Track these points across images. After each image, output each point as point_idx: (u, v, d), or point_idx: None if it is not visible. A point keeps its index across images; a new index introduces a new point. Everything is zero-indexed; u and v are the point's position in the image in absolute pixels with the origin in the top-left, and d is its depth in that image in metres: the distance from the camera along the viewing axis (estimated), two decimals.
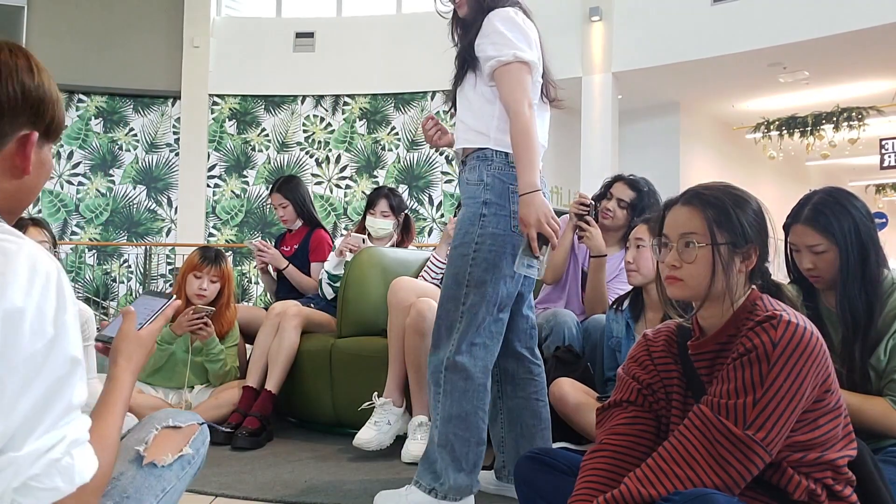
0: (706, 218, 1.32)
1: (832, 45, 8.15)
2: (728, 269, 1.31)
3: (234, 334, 3.23)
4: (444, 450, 1.97)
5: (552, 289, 3.02)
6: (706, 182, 1.41)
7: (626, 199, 2.93)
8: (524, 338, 2.19)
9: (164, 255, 10.12)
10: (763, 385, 1.20)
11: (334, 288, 3.39)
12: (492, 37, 1.99)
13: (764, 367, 1.20)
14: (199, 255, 3.12)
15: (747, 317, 1.29)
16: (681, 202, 1.37)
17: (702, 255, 1.31)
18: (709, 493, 1.14)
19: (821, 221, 1.77)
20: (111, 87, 10.25)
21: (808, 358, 1.21)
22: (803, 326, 1.23)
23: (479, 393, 1.99)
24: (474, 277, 1.97)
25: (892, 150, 10.10)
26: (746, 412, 1.19)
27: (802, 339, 1.21)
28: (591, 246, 2.81)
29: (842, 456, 1.27)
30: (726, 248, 1.31)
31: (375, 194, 3.51)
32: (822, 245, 1.78)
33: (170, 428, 1.27)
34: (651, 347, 1.45)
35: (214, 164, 10.41)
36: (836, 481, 1.26)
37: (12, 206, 1.01)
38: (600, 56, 9.28)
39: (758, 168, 12.26)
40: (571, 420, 2.36)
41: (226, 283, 3.13)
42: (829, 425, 1.26)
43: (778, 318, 1.23)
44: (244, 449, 2.77)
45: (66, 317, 0.90)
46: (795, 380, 1.20)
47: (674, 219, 1.37)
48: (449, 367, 1.97)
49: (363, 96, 10.37)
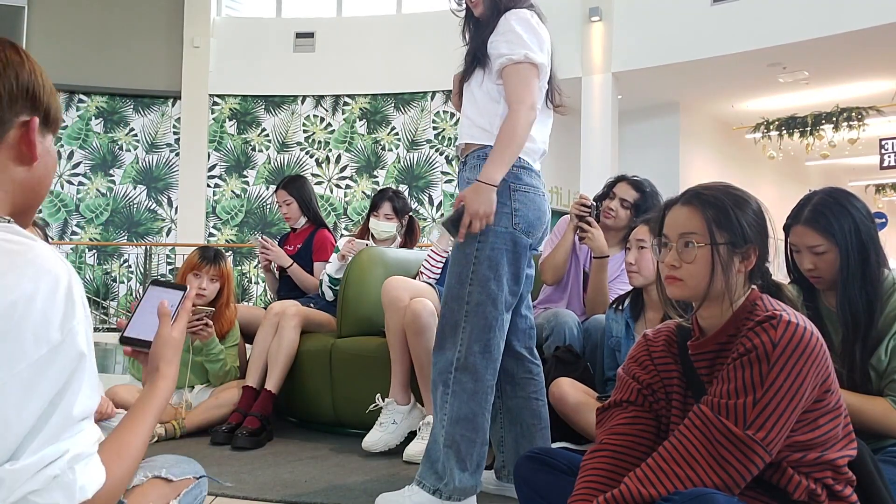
0: (705, 218, 1.32)
1: (832, 45, 8.15)
2: (727, 269, 1.31)
3: (235, 334, 3.23)
4: (451, 450, 1.97)
5: (553, 289, 3.02)
6: (706, 182, 1.42)
7: (629, 199, 2.92)
8: (523, 338, 2.19)
9: (164, 255, 10.13)
10: (763, 385, 1.20)
11: (334, 291, 3.39)
12: (507, 35, 2.01)
13: (764, 367, 1.21)
14: (199, 255, 3.12)
15: (747, 317, 1.29)
16: (680, 202, 1.37)
17: (701, 255, 1.32)
18: (709, 492, 1.14)
19: (821, 222, 1.77)
20: (111, 87, 10.26)
21: (808, 358, 1.21)
22: (803, 326, 1.23)
23: (486, 394, 1.99)
24: (478, 275, 1.98)
25: (891, 150, 10.10)
26: (747, 412, 1.19)
27: (802, 339, 1.21)
28: (593, 247, 2.81)
29: (842, 456, 1.27)
30: (725, 248, 1.31)
31: (379, 196, 3.48)
32: (822, 246, 1.78)
33: (160, 479, 1.22)
34: (651, 347, 1.45)
35: (214, 164, 10.41)
36: (836, 481, 1.26)
37: (28, 199, 0.99)
38: (600, 56, 9.28)
39: (758, 168, 12.26)
40: (571, 420, 2.36)
41: (225, 283, 3.13)
42: (829, 425, 1.26)
43: (778, 317, 1.23)
44: (244, 449, 2.77)
45: (74, 323, 0.87)
46: (795, 380, 1.20)
47: (673, 219, 1.37)
48: (459, 368, 1.97)
49: (363, 96, 10.37)
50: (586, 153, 9.35)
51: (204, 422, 2.98)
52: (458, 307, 1.99)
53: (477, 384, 1.97)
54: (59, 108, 1.03)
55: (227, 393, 3.07)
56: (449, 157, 10.09)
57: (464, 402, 1.97)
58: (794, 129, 10.31)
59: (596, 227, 2.80)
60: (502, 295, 1.99)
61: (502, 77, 2.02)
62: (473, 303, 1.98)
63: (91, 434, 0.90)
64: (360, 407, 2.87)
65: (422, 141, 10.22)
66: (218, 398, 3.05)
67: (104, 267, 10.12)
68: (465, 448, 1.97)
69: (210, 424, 2.97)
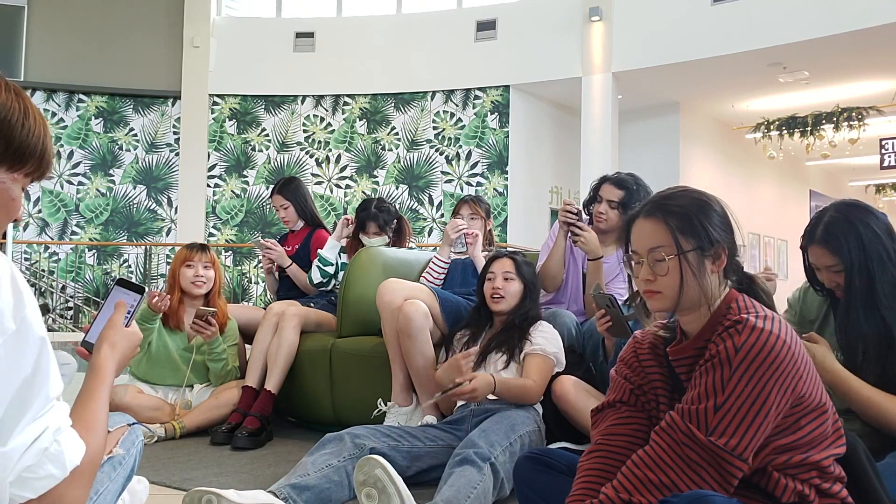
0: (670, 228, 1.32)
1: (832, 45, 8.15)
2: (699, 274, 1.31)
3: (234, 334, 3.23)
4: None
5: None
6: (667, 189, 1.42)
7: (615, 198, 2.91)
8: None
9: (164, 255, 10.12)
10: (724, 391, 1.20)
11: (323, 272, 3.41)
12: None
13: (725, 371, 1.20)
14: (186, 247, 3.19)
15: (720, 321, 1.29)
16: (643, 215, 1.37)
17: (673, 266, 1.32)
18: (709, 494, 1.14)
19: (832, 243, 1.75)
20: (111, 87, 10.26)
21: (770, 364, 1.19)
22: (768, 331, 1.21)
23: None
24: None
25: (892, 150, 10.10)
26: (708, 417, 1.19)
27: (766, 344, 1.20)
28: (587, 250, 2.80)
29: (828, 456, 1.26)
30: (694, 254, 1.31)
31: (364, 215, 3.43)
32: (838, 266, 1.75)
33: None
34: (638, 350, 1.46)
35: (214, 164, 10.41)
36: (823, 480, 1.26)
37: None
38: (600, 56, 9.28)
39: (758, 168, 12.26)
40: (572, 418, 2.36)
41: (216, 270, 3.16)
42: (812, 425, 1.25)
43: (744, 322, 1.23)
44: (244, 449, 2.77)
45: (26, 312, 0.90)
46: (756, 386, 1.19)
47: (639, 233, 1.37)
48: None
49: (363, 96, 10.37)
50: (586, 153, 9.35)
51: (204, 422, 2.98)
52: None
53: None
54: (28, 144, 0.96)
55: (226, 393, 3.07)
56: (448, 157, 10.09)
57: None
58: (794, 129, 10.31)
59: (587, 230, 2.80)
60: None
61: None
62: None
63: (62, 407, 0.95)
64: (360, 407, 2.87)
65: (422, 141, 10.22)
66: (218, 398, 3.05)
67: (104, 267, 10.12)
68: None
69: (210, 424, 2.97)
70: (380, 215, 3.42)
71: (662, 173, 9.30)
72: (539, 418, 2.35)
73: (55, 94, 10.18)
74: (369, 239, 3.43)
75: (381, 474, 1.79)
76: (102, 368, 1.14)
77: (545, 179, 10.48)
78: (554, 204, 10.50)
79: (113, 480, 1.28)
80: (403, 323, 2.64)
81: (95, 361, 1.15)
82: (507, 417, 2.18)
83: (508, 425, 2.13)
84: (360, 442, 2.09)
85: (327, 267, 3.42)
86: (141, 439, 1.41)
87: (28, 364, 0.89)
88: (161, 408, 3.00)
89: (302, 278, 3.61)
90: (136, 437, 1.38)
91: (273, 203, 3.82)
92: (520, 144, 10.02)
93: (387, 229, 3.44)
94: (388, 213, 3.46)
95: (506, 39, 9.74)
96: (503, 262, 2.59)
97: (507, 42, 9.74)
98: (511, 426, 2.14)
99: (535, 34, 9.53)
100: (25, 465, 0.88)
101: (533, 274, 2.63)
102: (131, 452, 1.35)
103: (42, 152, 0.99)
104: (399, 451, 2.15)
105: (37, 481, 0.90)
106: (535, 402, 2.36)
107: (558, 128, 10.62)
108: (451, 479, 1.90)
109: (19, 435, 0.88)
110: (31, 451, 0.89)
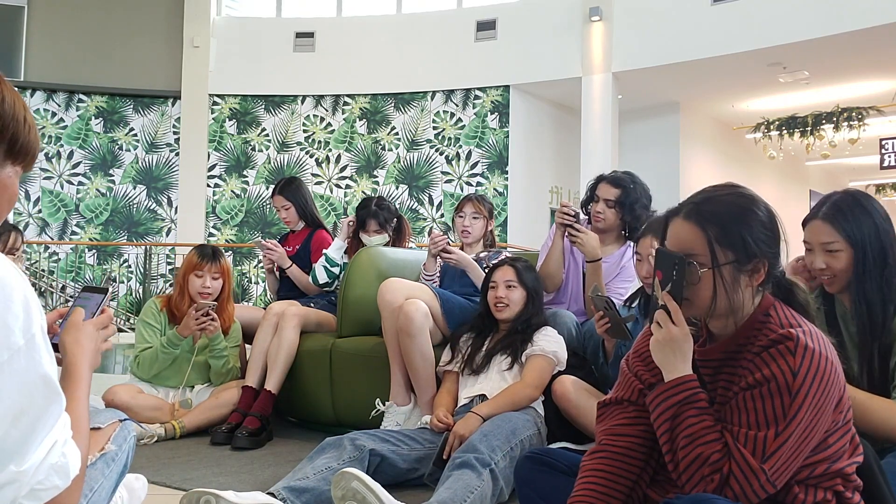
0: (707, 237, 1.26)
1: (832, 45, 8.15)
2: (732, 290, 1.25)
3: (237, 334, 3.23)
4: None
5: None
6: (711, 188, 1.35)
7: (611, 197, 2.91)
8: None
9: (164, 255, 10.13)
10: (786, 418, 1.17)
11: (329, 273, 3.41)
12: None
13: (786, 398, 1.17)
14: (198, 254, 3.11)
15: (758, 328, 1.26)
16: (682, 214, 1.32)
17: (706, 278, 1.26)
18: (710, 497, 1.14)
19: (838, 219, 1.74)
20: (111, 87, 10.26)
21: (824, 391, 1.18)
22: (818, 352, 1.19)
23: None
24: None
25: (892, 149, 10.10)
26: (767, 445, 1.17)
27: (819, 370, 1.18)
28: (585, 251, 2.79)
29: (850, 463, 1.26)
30: (730, 268, 1.25)
31: (364, 213, 3.44)
32: (836, 243, 1.74)
33: (91, 430, 1.28)
34: None
35: (214, 164, 10.41)
36: (846, 488, 1.25)
37: None
38: (600, 56, 9.28)
39: (758, 168, 12.26)
40: (573, 417, 2.36)
41: (226, 279, 3.14)
42: (839, 442, 1.25)
43: (795, 340, 1.19)
44: (244, 449, 2.77)
45: (34, 329, 0.90)
46: (817, 412, 1.18)
47: (675, 235, 1.31)
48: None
49: (363, 96, 10.37)
50: (586, 153, 9.35)
51: (204, 422, 2.97)
52: None
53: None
54: (30, 141, 0.99)
55: (227, 393, 3.06)
56: (449, 157, 10.09)
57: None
58: (794, 128, 10.30)
59: (585, 232, 2.79)
60: None
61: None
62: None
63: (66, 419, 0.97)
64: (359, 407, 2.87)
65: (422, 141, 10.21)
66: (218, 398, 3.05)
67: (104, 267, 10.11)
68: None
69: (210, 424, 2.96)
70: (380, 213, 3.43)
71: (662, 173, 9.30)
72: (540, 421, 2.35)
73: (55, 94, 10.18)
74: (369, 237, 3.43)
75: (358, 486, 1.78)
76: (75, 367, 1.14)
77: (545, 179, 10.48)
78: (554, 204, 10.49)
79: (107, 477, 1.29)
80: (404, 322, 2.64)
81: (68, 364, 1.15)
82: (508, 420, 2.18)
83: (510, 429, 2.14)
84: (360, 444, 2.09)
85: (333, 268, 3.42)
86: (133, 434, 1.42)
87: (40, 385, 0.90)
88: (161, 408, 3.00)
89: (302, 279, 3.60)
90: (128, 433, 1.39)
91: (274, 203, 3.81)
92: (520, 144, 10.02)
93: (387, 227, 3.44)
94: (389, 212, 3.46)
95: (506, 39, 9.74)
96: (505, 270, 2.59)
97: (506, 42, 9.74)
98: (512, 430, 2.14)
99: (535, 34, 9.54)
100: (38, 480, 0.90)
101: (535, 280, 2.63)
102: (123, 448, 1.35)
103: (36, 144, 1.02)
104: (399, 455, 2.16)
105: (43, 492, 0.91)
106: (532, 401, 2.36)
107: (558, 128, 10.62)
108: (449, 481, 1.90)
109: (35, 451, 0.89)
110: (43, 467, 0.90)
